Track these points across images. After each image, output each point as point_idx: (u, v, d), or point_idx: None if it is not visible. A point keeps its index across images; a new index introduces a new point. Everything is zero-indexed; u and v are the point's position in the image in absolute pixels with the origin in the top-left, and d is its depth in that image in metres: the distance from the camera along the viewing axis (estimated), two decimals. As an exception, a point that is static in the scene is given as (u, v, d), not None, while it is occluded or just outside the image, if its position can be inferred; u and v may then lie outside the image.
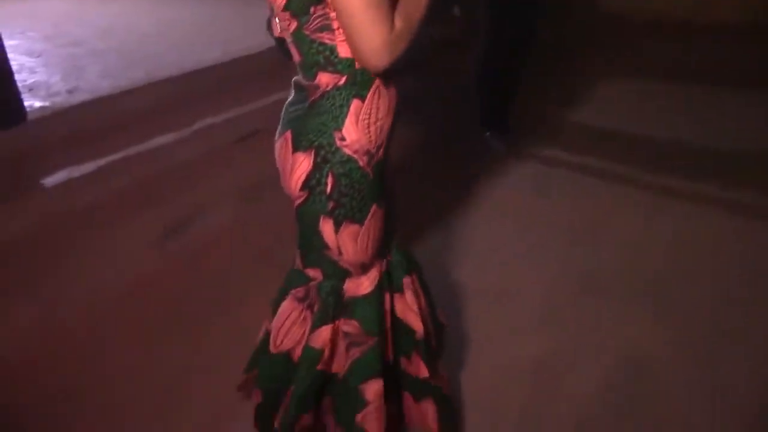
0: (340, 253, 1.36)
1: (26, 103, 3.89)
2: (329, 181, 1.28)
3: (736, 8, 7.64)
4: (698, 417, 1.83)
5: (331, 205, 1.31)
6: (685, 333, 2.17)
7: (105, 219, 2.80)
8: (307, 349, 1.42)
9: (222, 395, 1.82)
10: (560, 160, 3.66)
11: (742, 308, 2.32)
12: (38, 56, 5.24)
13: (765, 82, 5.04)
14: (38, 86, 4.35)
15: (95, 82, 4.44)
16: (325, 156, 1.27)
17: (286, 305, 1.47)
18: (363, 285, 1.43)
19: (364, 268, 1.41)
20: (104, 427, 1.77)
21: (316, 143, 1.27)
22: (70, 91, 4.22)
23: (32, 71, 4.79)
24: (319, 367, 1.41)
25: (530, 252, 2.67)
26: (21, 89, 4.20)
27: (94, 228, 2.72)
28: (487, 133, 4.02)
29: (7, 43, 5.52)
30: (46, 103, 3.98)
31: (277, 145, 1.35)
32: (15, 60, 5.04)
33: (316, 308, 1.44)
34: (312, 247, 1.38)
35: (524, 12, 3.79)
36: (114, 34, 6.05)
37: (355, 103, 1.26)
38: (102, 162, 3.30)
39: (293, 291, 1.47)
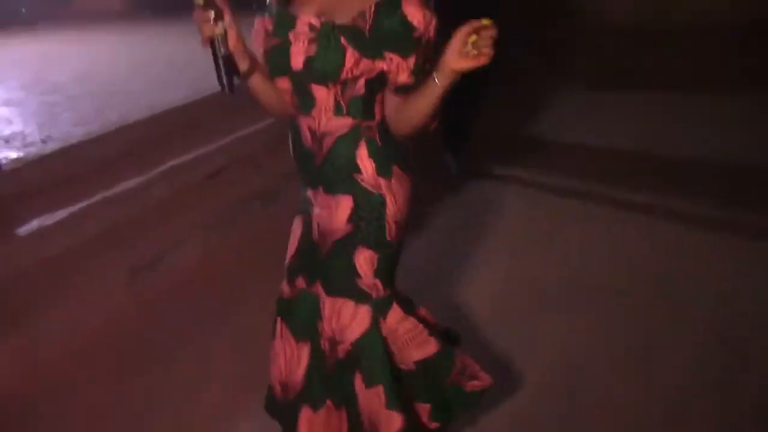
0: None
1: (1, 155, 4.03)
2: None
3: (696, 12, 7.78)
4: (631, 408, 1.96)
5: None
6: (621, 338, 2.30)
7: (77, 263, 2.93)
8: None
9: (190, 429, 1.93)
10: (514, 177, 3.80)
11: (679, 309, 2.45)
12: (16, 106, 5.39)
13: (720, 87, 5.18)
14: (14, 137, 4.49)
15: (69, 130, 4.58)
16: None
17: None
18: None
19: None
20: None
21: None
22: (44, 141, 4.35)
23: (9, 122, 4.94)
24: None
25: (477, 265, 2.80)
26: (-2, 140, 4.35)
27: (67, 272, 2.84)
28: (447, 154, 4.17)
29: (-14, 94, 5.71)
30: (21, 154, 4.11)
31: None
32: (-8, 111, 5.20)
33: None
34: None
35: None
36: (91, 78, 6.21)
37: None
38: (74, 208, 3.42)
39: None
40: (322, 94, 1.39)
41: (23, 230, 3.24)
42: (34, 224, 3.28)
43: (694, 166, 3.70)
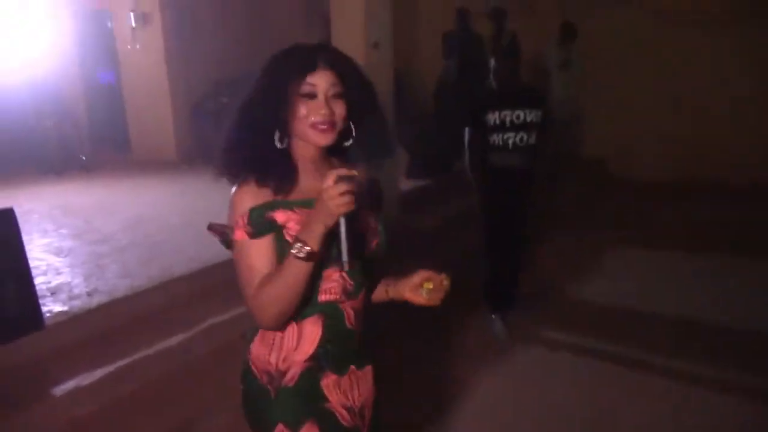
0: None
1: (46, 309, 4.44)
2: (241, 389, 1.75)
3: (724, 167, 8.12)
4: None
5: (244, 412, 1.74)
6: None
7: (110, 426, 3.17)
8: None
9: None
10: (564, 342, 3.91)
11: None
12: (65, 256, 5.93)
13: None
14: (60, 289, 4.93)
15: (115, 282, 5.01)
16: (244, 363, 1.76)
17: None
18: None
19: None
20: None
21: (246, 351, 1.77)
22: (89, 294, 4.78)
23: (57, 272, 5.43)
24: None
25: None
26: (45, 292, 4.79)
27: (97, 436, 3.08)
28: (492, 316, 4.35)
29: (41, 242, 6.32)
30: (66, 308, 4.53)
31: None
32: (43, 260, 5.73)
33: None
34: None
35: (517, 183, 4.30)
36: (140, 227, 6.80)
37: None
38: (111, 367, 3.73)
39: None
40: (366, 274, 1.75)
41: (59, 390, 3.55)
42: (71, 384, 3.59)
43: (747, 335, 3.73)
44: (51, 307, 4.51)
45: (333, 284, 1.66)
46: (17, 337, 4.14)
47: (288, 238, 1.58)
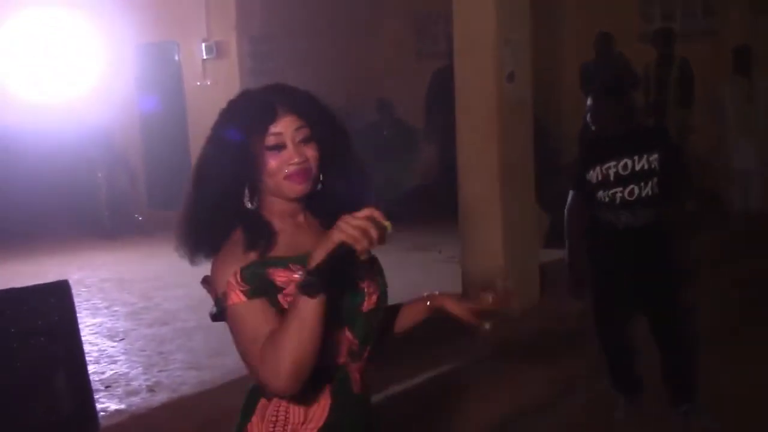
0: None
1: (101, 406, 4.57)
2: None
3: None
4: None
5: None
6: None
7: None
8: None
9: None
10: None
11: None
12: (121, 339, 6.14)
13: None
14: (117, 381, 5.09)
15: (180, 375, 5.13)
16: None
17: None
18: None
19: None
20: None
21: None
22: (151, 389, 4.90)
23: (112, 360, 5.62)
24: None
25: None
26: (98, 384, 4.94)
27: None
28: (618, 396, 4.53)
29: (91, 321, 6.58)
30: (122, 406, 4.65)
31: None
32: (95, 345, 5.95)
33: None
34: None
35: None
36: (207, 306, 6.99)
37: (261, 401, 1.80)
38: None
39: None
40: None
41: None
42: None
43: None
44: (106, 404, 4.65)
45: (337, 347, 1.80)
46: (69, 439, 4.27)
47: (284, 305, 1.70)
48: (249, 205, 1.81)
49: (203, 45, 10.36)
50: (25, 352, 4.15)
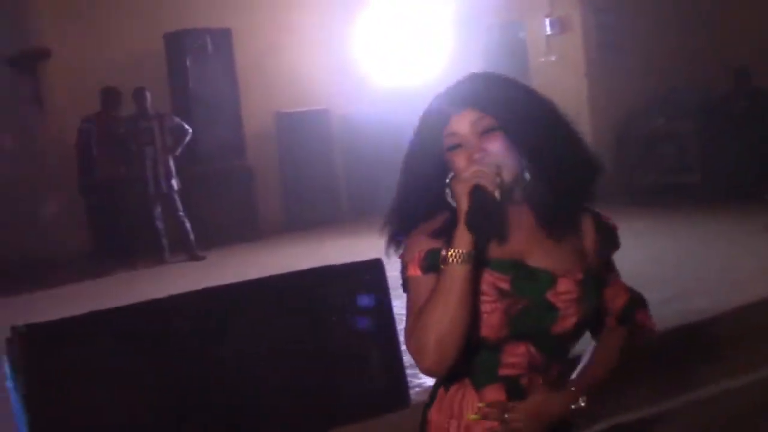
0: None
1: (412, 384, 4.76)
2: None
3: None
4: None
5: None
6: None
7: None
8: None
9: None
10: None
11: None
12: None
13: None
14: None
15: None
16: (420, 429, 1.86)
17: None
18: None
19: None
20: None
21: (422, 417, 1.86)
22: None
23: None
24: None
25: None
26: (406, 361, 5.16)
27: None
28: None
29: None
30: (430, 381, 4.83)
31: None
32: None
33: None
34: None
35: None
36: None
37: (440, 391, 1.82)
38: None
39: None
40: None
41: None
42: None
43: None
44: (415, 381, 4.84)
45: (517, 359, 1.75)
46: (381, 413, 4.51)
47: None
48: (452, 203, 1.74)
49: (547, 21, 10.28)
50: (342, 327, 4.46)
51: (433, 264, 1.71)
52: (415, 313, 1.69)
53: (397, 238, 1.86)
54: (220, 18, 10.86)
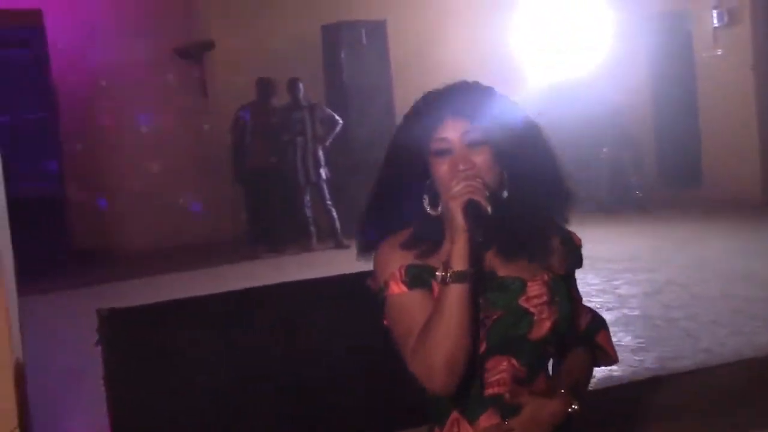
0: None
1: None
2: None
3: None
4: None
5: None
6: None
7: None
8: None
9: None
10: None
11: None
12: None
13: None
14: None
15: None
16: None
17: None
18: None
19: None
20: None
21: None
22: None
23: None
24: None
25: None
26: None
27: None
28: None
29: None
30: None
31: None
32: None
33: None
34: None
35: None
36: (667, 292, 6.60)
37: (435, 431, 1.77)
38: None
39: None
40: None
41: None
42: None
43: None
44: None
45: (500, 375, 1.72)
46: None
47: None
48: (429, 210, 1.75)
49: (714, 12, 9.70)
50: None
51: (417, 279, 1.71)
52: (413, 333, 1.67)
53: (371, 239, 1.84)
54: (376, 10, 10.97)
